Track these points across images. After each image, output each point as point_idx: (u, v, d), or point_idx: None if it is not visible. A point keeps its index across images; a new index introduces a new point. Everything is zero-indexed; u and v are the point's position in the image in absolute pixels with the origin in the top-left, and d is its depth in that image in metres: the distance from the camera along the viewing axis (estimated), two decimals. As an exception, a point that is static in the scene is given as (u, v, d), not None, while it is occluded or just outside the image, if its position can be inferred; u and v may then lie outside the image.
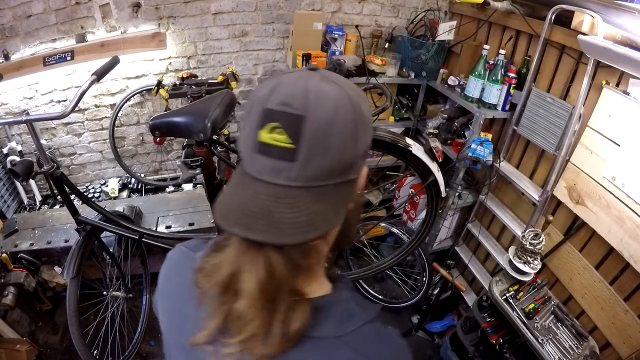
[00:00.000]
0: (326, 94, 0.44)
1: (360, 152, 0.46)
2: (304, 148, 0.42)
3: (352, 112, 0.44)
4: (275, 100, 0.43)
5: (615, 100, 1.45)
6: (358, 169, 0.48)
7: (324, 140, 0.42)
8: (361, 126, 0.45)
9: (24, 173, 1.27)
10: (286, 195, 0.43)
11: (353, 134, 0.44)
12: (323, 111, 0.42)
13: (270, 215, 0.42)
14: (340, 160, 0.44)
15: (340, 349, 0.47)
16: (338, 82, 0.46)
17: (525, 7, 1.83)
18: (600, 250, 1.60)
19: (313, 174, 0.43)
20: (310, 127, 0.42)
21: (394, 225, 2.43)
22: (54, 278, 1.99)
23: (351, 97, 0.45)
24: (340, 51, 2.25)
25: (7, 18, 1.81)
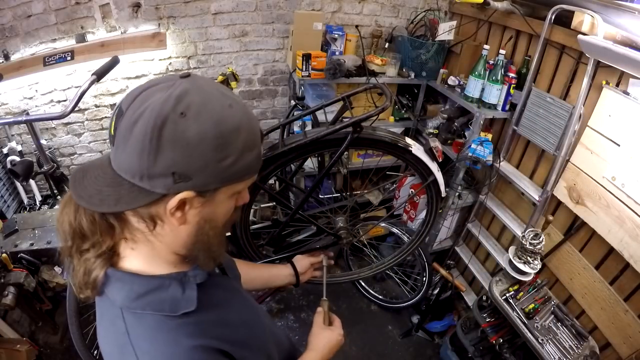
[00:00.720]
0: (146, 101, 0.46)
1: (162, 170, 0.46)
2: (117, 139, 0.48)
3: (150, 125, 0.45)
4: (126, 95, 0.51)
5: (615, 100, 1.45)
6: (160, 185, 0.48)
7: (124, 138, 0.47)
8: (164, 143, 0.45)
9: (24, 173, 1.27)
10: (103, 168, 0.51)
11: (146, 145, 0.45)
12: (132, 114, 0.46)
13: (85, 174, 0.52)
14: (131, 162, 0.47)
15: (118, 319, 0.55)
16: (172, 94, 0.46)
17: (525, 7, 1.83)
18: (600, 250, 1.60)
19: (116, 163, 0.50)
20: (121, 122, 0.47)
21: (394, 225, 2.43)
22: (54, 278, 1.99)
23: (164, 112, 0.45)
24: (340, 51, 2.25)
25: (7, 18, 1.81)
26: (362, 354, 2.25)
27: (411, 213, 2.49)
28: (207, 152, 0.47)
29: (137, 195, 0.49)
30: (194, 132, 0.46)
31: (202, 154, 0.47)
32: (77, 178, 0.52)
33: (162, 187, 0.48)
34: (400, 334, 2.41)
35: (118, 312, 0.55)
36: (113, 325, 0.55)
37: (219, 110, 0.48)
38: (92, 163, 0.54)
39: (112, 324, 0.55)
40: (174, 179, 0.47)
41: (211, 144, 0.47)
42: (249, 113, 0.53)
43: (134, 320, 0.54)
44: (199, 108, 0.47)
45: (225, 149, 0.48)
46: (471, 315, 1.97)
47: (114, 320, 0.55)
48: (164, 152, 0.45)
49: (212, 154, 0.47)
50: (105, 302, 0.57)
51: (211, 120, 0.47)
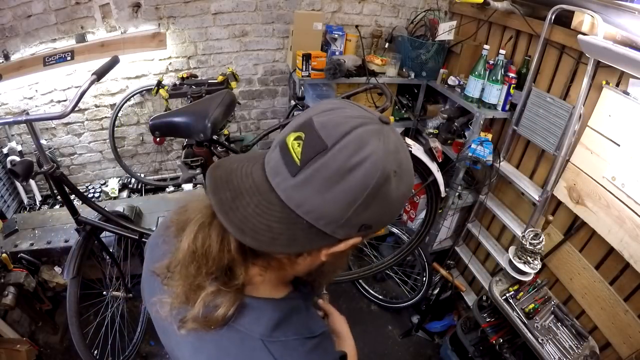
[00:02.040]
0: (363, 146, 0.41)
1: (357, 221, 0.44)
2: (306, 173, 0.41)
3: (371, 181, 0.41)
4: (321, 118, 0.43)
5: (615, 100, 1.45)
6: (343, 233, 0.45)
7: (328, 182, 0.41)
8: (372, 199, 0.42)
9: (24, 173, 1.27)
10: (265, 195, 0.44)
11: (358, 200, 0.41)
12: (345, 158, 0.40)
13: (238, 195, 0.44)
14: (330, 212, 0.42)
15: (261, 351, 0.48)
16: (389, 147, 0.43)
17: (525, 7, 1.83)
18: (600, 250, 1.60)
19: (297, 200, 0.42)
20: (324, 161, 0.41)
21: (394, 225, 2.43)
22: (54, 278, 1.99)
23: (386, 170, 0.42)
24: (340, 51, 2.25)
25: (7, 18, 1.81)
26: (362, 354, 2.25)
27: (411, 213, 2.49)
28: (398, 207, 0.47)
29: (314, 237, 0.44)
30: (398, 192, 0.44)
31: (395, 210, 0.47)
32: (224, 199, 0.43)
33: (345, 234, 0.45)
34: (400, 334, 2.41)
35: (258, 344, 0.49)
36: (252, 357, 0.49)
37: (412, 170, 0.48)
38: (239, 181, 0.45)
39: (250, 356, 0.49)
40: (359, 229, 0.45)
41: (402, 204, 0.48)
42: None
43: (281, 348, 0.49)
44: (405, 168, 0.46)
45: (404, 204, 0.50)
46: (471, 315, 1.97)
47: (253, 354, 0.49)
48: (371, 208, 0.43)
49: (399, 209, 0.48)
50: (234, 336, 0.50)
51: (409, 181, 0.47)
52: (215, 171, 0.46)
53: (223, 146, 1.46)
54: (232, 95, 1.36)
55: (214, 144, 1.32)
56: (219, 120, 1.20)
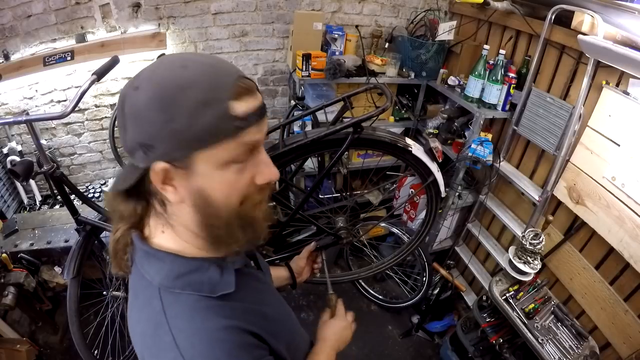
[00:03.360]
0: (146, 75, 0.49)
1: (129, 142, 0.49)
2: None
3: (119, 105, 0.50)
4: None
5: (615, 100, 1.45)
6: (138, 159, 0.49)
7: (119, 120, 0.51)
8: (126, 118, 0.48)
9: (24, 173, 1.27)
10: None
11: (121, 123, 0.49)
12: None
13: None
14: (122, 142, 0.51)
15: (155, 299, 0.54)
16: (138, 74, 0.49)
17: (525, 7, 1.83)
18: (600, 250, 1.60)
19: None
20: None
21: (394, 225, 2.43)
22: (54, 278, 1.99)
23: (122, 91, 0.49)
24: (340, 51, 2.24)
25: (7, 18, 1.81)
26: (362, 354, 2.25)
27: (411, 213, 2.49)
28: (153, 115, 0.46)
29: (133, 171, 0.51)
30: (142, 100, 0.46)
31: (150, 119, 0.46)
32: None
33: (141, 160, 0.49)
34: (400, 334, 2.41)
35: (155, 292, 0.54)
36: (149, 304, 0.55)
37: (164, 73, 0.47)
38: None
39: (148, 303, 0.55)
40: (144, 151, 0.48)
41: (155, 106, 0.45)
42: (212, 70, 0.48)
43: (172, 299, 0.54)
44: (148, 77, 0.48)
45: (169, 108, 0.45)
46: (471, 315, 1.98)
47: (150, 300, 0.54)
48: (128, 127, 0.48)
49: (158, 116, 0.45)
50: (142, 282, 0.57)
51: (155, 84, 0.47)
52: None
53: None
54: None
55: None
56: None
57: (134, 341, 0.57)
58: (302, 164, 1.88)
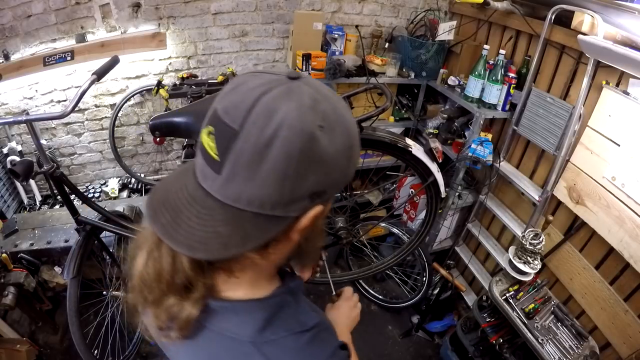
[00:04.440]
0: (272, 114, 0.37)
1: (302, 192, 0.40)
2: (228, 165, 0.39)
3: (294, 147, 0.37)
4: (223, 103, 0.40)
5: (615, 100, 1.45)
6: (298, 209, 0.42)
7: (251, 166, 0.38)
8: (306, 165, 0.38)
9: (24, 173, 1.27)
10: (202, 202, 0.41)
11: (289, 171, 0.38)
12: (258, 134, 0.37)
13: (177, 213, 0.41)
14: (267, 195, 0.39)
15: (253, 355, 0.46)
16: (303, 102, 0.38)
17: (525, 7, 1.83)
18: (600, 250, 1.60)
19: (233, 195, 0.40)
20: (239, 146, 0.37)
21: (394, 225, 2.43)
22: (54, 278, 1.99)
23: (307, 129, 0.37)
24: (340, 51, 2.25)
25: (7, 18, 1.81)
26: (362, 354, 2.25)
27: (411, 213, 2.49)
28: (341, 165, 0.42)
29: (267, 225, 0.41)
30: (334, 146, 0.40)
31: (339, 167, 0.42)
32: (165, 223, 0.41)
33: (298, 209, 0.42)
34: (400, 334, 2.41)
35: (249, 349, 0.46)
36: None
37: (346, 117, 0.42)
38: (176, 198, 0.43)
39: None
40: (312, 199, 0.41)
41: (346, 154, 0.42)
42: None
43: (274, 348, 0.47)
44: (334, 117, 0.40)
45: (353, 156, 0.43)
46: (471, 315, 1.97)
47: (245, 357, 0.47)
48: (310, 175, 0.39)
49: (345, 164, 0.42)
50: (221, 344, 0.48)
51: (345, 130, 0.42)
52: (152, 196, 0.44)
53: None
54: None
55: (214, 144, 1.32)
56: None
57: None
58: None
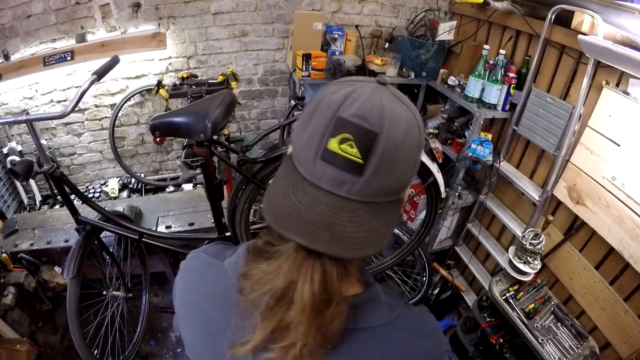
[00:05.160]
0: (399, 115, 0.44)
1: (416, 173, 0.51)
2: (372, 165, 0.42)
3: (418, 138, 0.45)
4: (350, 111, 0.43)
5: (615, 100, 1.45)
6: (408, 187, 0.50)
7: (391, 161, 0.43)
8: (421, 149, 0.47)
9: (24, 173, 1.26)
10: (346, 208, 0.43)
11: (416, 158, 0.46)
12: (395, 133, 0.43)
13: (331, 226, 0.42)
14: (400, 181, 0.46)
15: (394, 333, 0.51)
16: (406, 104, 0.46)
17: (525, 7, 1.83)
18: (600, 250, 1.60)
19: (374, 191, 0.44)
20: (382, 146, 0.42)
21: (394, 226, 2.43)
22: (54, 278, 1.99)
23: (418, 122, 0.46)
24: (340, 51, 2.25)
25: (7, 18, 1.81)
26: (362, 354, 2.24)
27: (411, 213, 2.49)
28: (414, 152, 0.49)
29: (396, 209, 0.49)
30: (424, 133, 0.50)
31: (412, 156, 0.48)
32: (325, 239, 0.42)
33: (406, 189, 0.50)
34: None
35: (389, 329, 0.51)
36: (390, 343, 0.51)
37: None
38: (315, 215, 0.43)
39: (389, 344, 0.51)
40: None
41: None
42: None
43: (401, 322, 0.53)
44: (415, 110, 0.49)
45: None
46: (471, 315, 1.97)
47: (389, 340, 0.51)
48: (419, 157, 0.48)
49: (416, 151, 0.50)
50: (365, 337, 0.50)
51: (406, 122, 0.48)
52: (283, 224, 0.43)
53: (223, 146, 1.47)
54: (232, 96, 1.36)
55: (214, 144, 1.32)
56: (219, 121, 1.19)
57: None
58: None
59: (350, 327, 0.49)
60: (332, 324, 0.46)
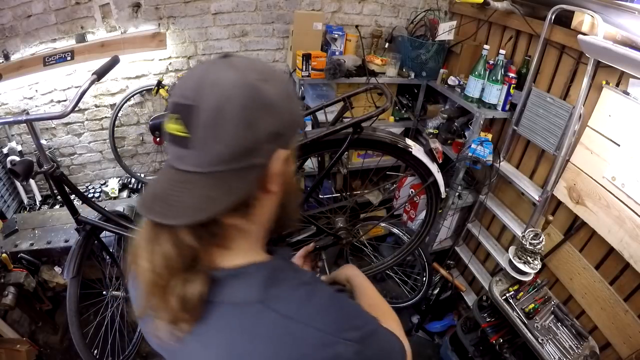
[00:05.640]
0: (219, 82, 0.45)
1: (262, 135, 0.47)
2: (197, 136, 0.45)
3: (243, 98, 0.45)
4: (176, 92, 0.47)
5: (615, 100, 1.45)
6: (264, 153, 0.48)
7: (214, 128, 0.44)
8: (258, 110, 0.46)
9: (24, 173, 1.27)
10: (186, 180, 0.46)
11: (246, 120, 0.45)
12: (212, 100, 0.44)
13: (167, 197, 0.46)
14: (234, 146, 0.45)
15: (264, 313, 0.48)
16: (239, 67, 0.47)
17: (525, 7, 1.83)
18: (600, 250, 1.60)
19: (209, 160, 0.46)
20: (200, 116, 0.44)
21: (394, 226, 2.43)
22: (54, 278, 1.99)
23: (248, 82, 0.46)
24: (340, 51, 2.24)
25: (7, 18, 1.81)
26: (362, 354, 2.24)
27: (411, 213, 2.49)
28: (286, 104, 0.50)
29: (245, 175, 0.48)
30: (275, 92, 0.48)
31: (285, 108, 0.50)
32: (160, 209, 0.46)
33: (264, 154, 0.49)
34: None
35: (259, 308, 0.49)
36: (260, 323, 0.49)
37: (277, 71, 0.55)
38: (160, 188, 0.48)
39: (258, 324, 0.49)
40: (271, 142, 0.48)
41: (286, 96, 0.50)
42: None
43: (282, 304, 0.49)
44: (268, 71, 0.50)
45: (292, 99, 0.53)
46: (471, 315, 1.97)
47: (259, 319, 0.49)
48: (263, 118, 0.47)
49: (290, 105, 0.51)
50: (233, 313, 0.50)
51: (280, 79, 0.51)
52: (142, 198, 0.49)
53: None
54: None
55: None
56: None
57: None
58: (302, 164, 1.88)
59: (216, 300, 0.49)
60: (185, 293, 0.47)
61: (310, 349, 0.48)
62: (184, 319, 0.49)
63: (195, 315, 0.49)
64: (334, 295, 0.54)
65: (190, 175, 0.46)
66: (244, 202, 0.49)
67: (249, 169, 0.47)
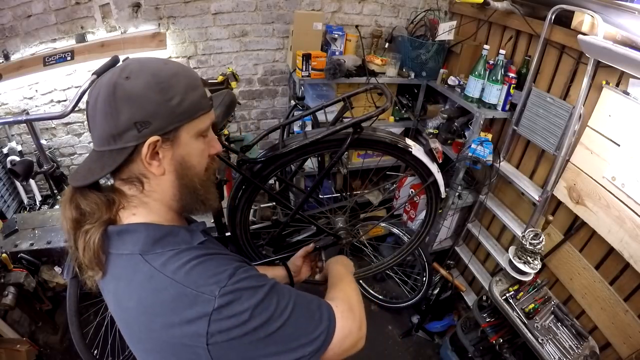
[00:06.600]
0: (99, 82, 0.59)
1: (123, 123, 0.56)
2: (89, 123, 0.61)
3: (105, 94, 0.56)
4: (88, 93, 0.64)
5: (615, 100, 1.45)
6: (130, 138, 0.58)
7: (93, 118, 0.59)
8: (119, 102, 0.56)
9: (24, 173, 1.27)
10: (89, 156, 0.63)
11: (108, 111, 0.56)
12: (92, 97, 0.59)
13: (79, 169, 0.63)
14: (104, 131, 0.58)
15: (140, 264, 0.58)
16: (113, 72, 0.59)
17: (525, 7, 1.83)
18: (600, 250, 1.60)
19: (95, 142, 0.61)
20: (89, 108, 0.60)
21: (394, 226, 2.43)
22: (54, 278, 1.99)
23: (113, 81, 0.56)
24: (340, 51, 2.25)
25: (7, 18, 1.81)
26: (362, 354, 2.23)
27: (411, 213, 2.49)
28: (154, 96, 0.57)
29: (116, 156, 0.59)
30: (139, 86, 0.56)
31: (151, 100, 0.57)
32: (74, 176, 0.63)
33: (132, 139, 0.57)
34: (400, 334, 2.41)
35: (138, 259, 0.58)
36: (136, 273, 0.58)
37: (155, 66, 0.60)
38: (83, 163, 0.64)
39: (134, 273, 0.58)
40: (138, 129, 0.57)
41: (155, 89, 0.57)
42: (185, 66, 0.65)
43: (156, 257, 0.59)
44: (138, 69, 0.58)
45: (169, 90, 0.58)
46: (471, 315, 1.98)
47: (135, 269, 0.58)
48: (123, 109, 0.56)
49: (159, 97, 0.57)
50: (121, 263, 0.60)
51: (150, 74, 0.58)
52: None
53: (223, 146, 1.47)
54: (232, 96, 1.36)
55: (214, 144, 1.32)
56: (219, 121, 1.20)
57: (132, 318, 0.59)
58: (302, 164, 1.88)
59: (112, 251, 0.61)
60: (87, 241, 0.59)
61: (169, 297, 0.55)
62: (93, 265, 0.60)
63: (100, 263, 0.60)
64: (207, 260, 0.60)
65: (92, 152, 0.63)
66: (136, 177, 0.62)
67: (120, 150, 0.58)
